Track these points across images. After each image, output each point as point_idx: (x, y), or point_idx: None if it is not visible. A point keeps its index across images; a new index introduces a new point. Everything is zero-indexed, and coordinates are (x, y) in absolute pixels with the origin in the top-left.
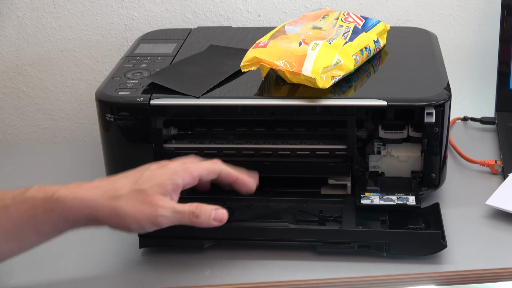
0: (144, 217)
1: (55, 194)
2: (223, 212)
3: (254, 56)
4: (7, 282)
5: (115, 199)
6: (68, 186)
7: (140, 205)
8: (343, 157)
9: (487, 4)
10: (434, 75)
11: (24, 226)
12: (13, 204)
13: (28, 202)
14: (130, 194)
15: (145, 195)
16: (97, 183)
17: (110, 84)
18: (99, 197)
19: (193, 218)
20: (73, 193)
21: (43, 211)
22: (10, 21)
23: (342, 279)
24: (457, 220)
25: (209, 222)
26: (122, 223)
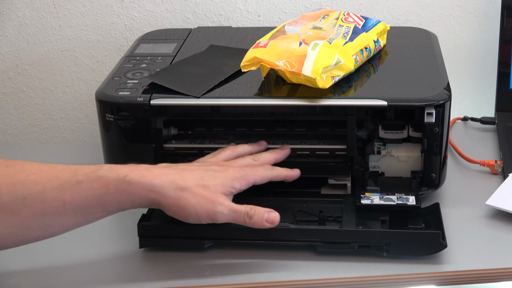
0: (204, 211)
1: (127, 176)
2: (275, 215)
3: (254, 56)
4: (7, 282)
5: (181, 190)
6: (138, 169)
7: (202, 200)
8: (343, 157)
9: (487, 4)
10: (434, 75)
11: (93, 202)
12: (86, 181)
13: (101, 181)
14: (196, 188)
15: (209, 191)
16: (165, 169)
17: (110, 84)
18: (167, 185)
19: (247, 219)
20: (144, 178)
21: (114, 191)
22: (10, 21)
23: (342, 279)
24: (457, 220)
25: (262, 223)
26: (182, 213)
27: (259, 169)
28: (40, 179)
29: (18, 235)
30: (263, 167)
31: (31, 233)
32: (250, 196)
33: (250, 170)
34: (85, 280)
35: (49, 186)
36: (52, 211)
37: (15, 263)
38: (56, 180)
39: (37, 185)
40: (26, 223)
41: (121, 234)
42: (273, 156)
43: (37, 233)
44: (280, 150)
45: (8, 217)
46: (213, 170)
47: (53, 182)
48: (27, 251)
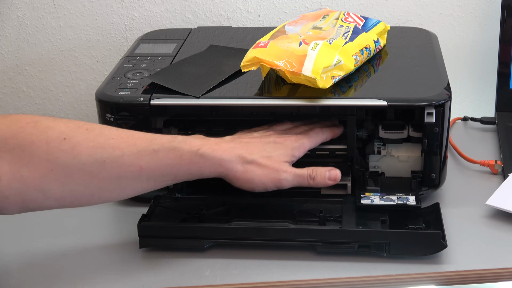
0: (270, 180)
1: (200, 150)
2: (336, 172)
3: (254, 56)
4: (7, 282)
5: (248, 163)
6: (209, 143)
7: (268, 170)
8: (343, 157)
9: (487, 4)
10: (434, 75)
11: (167, 171)
12: (162, 150)
13: (176, 152)
14: (261, 159)
15: (273, 161)
16: (232, 144)
17: (110, 84)
18: (235, 159)
19: (310, 180)
20: (215, 152)
21: (187, 162)
22: (10, 21)
23: (342, 279)
24: (457, 220)
25: (325, 182)
26: (249, 184)
27: (311, 134)
28: (119, 144)
29: (93, 195)
30: (314, 132)
31: (106, 194)
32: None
33: (305, 137)
34: (85, 280)
35: (127, 152)
36: (128, 175)
37: (15, 263)
38: (134, 146)
39: (116, 149)
40: (103, 185)
41: (121, 234)
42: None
43: (111, 195)
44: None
45: (87, 178)
46: (273, 141)
47: (131, 149)
48: (27, 251)
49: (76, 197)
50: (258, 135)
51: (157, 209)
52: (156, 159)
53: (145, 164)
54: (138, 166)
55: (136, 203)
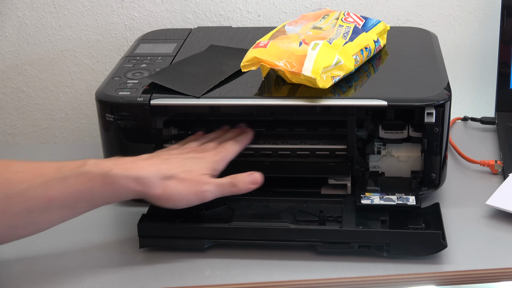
0: (192, 194)
1: (112, 171)
2: (256, 175)
3: (254, 56)
4: (7, 282)
5: (167, 178)
6: (123, 162)
7: (188, 184)
8: (343, 157)
9: (487, 4)
10: (434, 75)
11: (80, 197)
12: (71, 176)
13: (86, 176)
14: (181, 174)
15: (194, 174)
16: (149, 161)
17: (110, 84)
18: (153, 176)
19: (233, 188)
20: (129, 171)
21: (99, 185)
22: (10, 21)
23: (342, 279)
24: (457, 220)
25: (247, 187)
26: (171, 201)
27: (228, 146)
28: (25, 177)
29: (5, 233)
30: (230, 144)
31: (19, 231)
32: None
33: (224, 149)
34: (85, 280)
35: (34, 184)
36: (38, 208)
37: (15, 263)
38: (42, 177)
39: (23, 183)
40: (13, 221)
41: (121, 234)
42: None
43: (24, 230)
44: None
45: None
46: (193, 157)
47: (39, 180)
48: (27, 251)
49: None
50: (177, 152)
51: (157, 209)
52: (66, 186)
53: (55, 194)
54: (47, 197)
55: (136, 203)
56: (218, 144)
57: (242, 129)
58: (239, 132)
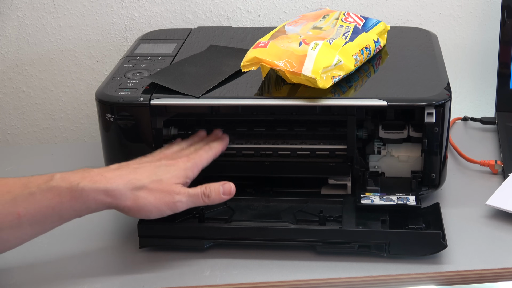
0: (164, 205)
1: (80, 184)
2: (229, 185)
3: (254, 56)
4: (7, 282)
5: (137, 189)
6: (91, 174)
7: (160, 194)
8: (343, 157)
9: (487, 4)
10: (434, 75)
11: (49, 212)
12: (39, 192)
13: (53, 191)
14: (151, 184)
15: (164, 185)
16: (118, 171)
17: (110, 84)
18: (122, 187)
19: (205, 198)
20: (97, 183)
21: (68, 199)
22: (10, 21)
23: (342, 279)
24: (457, 220)
25: (220, 198)
26: (143, 212)
27: (201, 153)
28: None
29: None
30: (203, 150)
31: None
32: (250, 196)
33: (196, 156)
34: (85, 280)
35: (2, 201)
36: (7, 225)
37: (15, 263)
38: (9, 194)
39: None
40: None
41: (121, 234)
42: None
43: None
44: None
45: None
46: (164, 164)
47: (6, 197)
48: (27, 251)
49: None
50: (148, 160)
51: None
52: (34, 202)
53: (23, 210)
54: (16, 213)
55: None
56: (193, 151)
57: (217, 135)
58: (213, 139)
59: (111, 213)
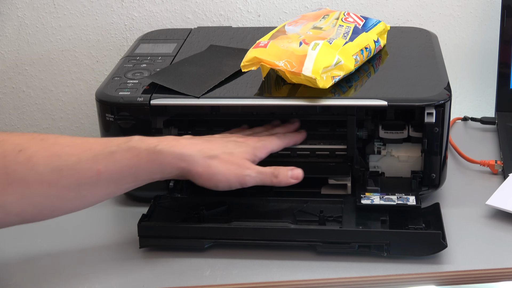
0: (234, 176)
1: (158, 146)
2: (298, 171)
3: (254, 56)
4: (7, 282)
5: (210, 158)
6: (167, 139)
7: (231, 165)
8: (343, 157)
9: (487, 4)
10: (434, 75)
11: (126, 172)
12: (119, 151)
13: (133, 151)
14: (223, 155)
15: (236, 157)
16: (192, 140)
17: (110, 84)
18: (196, 153)
19: (273, 178)
20: (174, 147)
21: (145, 160)
22: (10, 21)
23: (342, 279)
24: (457, 220)
25: (288, 181)
26: (212, 180)
27: (273, 138)
28: (74, 151)
29: (55, 206)
30: (277, 136)
31: (68, 204)
32: (250, 196)
33: (268, 139)
34: (85, 280)
35: (83, 157)
36: (87, 181)
37: (15, 263)
38: (90, 151)
39: (72, 156)
40: (63, 194)
41: (121, 234)
42: (285, 130)
43: (73, 204)
44: (290, 124)
45: (46, 188)
46: (234, 140)
47: (87, 154)
48: (27, 251)
49: (37, 210)
50: (219, 136)
51: (157, 209)
52: (113, 161)
53: (103, 168)
54: (96, 170)
55: (136, 203)
56: (265, 135)
57: (294, 125)
58: (290, 129)
59: (111, 213)
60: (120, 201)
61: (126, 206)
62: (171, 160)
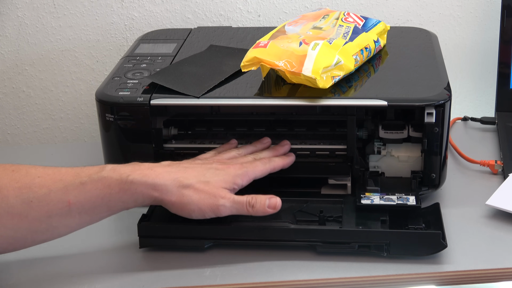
0: (207, 206)
1: (130, 176)
2: (276, 200)
3: (254, 56)
4: (7, 282)
5: (184, 187)
6: (141, 168)
7: (205, 195)
8: (343, 157)
9: (487, 4)
10: (434, 75)
11: (98, 202)
12: (89, 182)
13: (104, 181)
14: (198, 184)
15: (211, 187)
16: (168, 168)
17: (110, 84)
18: (170, 183)
19: (249, 208)
20: (146, 177)
21: (117, 191)
22: (10, 21)
23: (342, 279)
24: (457, 220)
25: (264, 210)
26: (185, 209)
27: (258, 163)
28: (45, 182)
29: (26, 238)
30: (261, 162)
31: (39, 235)
32: None
33: (250, 166)
34: (85, 280)
35: (54, 189)
36: (58, 212)
37: (15, 263)
38: (61, 182)
39: (43, 188)
40: (34, 226)
41: (121, 234)
42: (273, 153)
43: (44, 235)
44: (280, 146)
45: (16, 221)
46: (215, 167)
47: (58, 185)
48: (27, 251)
49: (8, 242)
50: (200, 162)
51: (157, 209)
52: (84, 191)
53: (73, 199)
54: (66, 201)
55: None
56: (250, 160)
57: (284, 150)
58: (278, 152)
59: None
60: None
61: None
62: (143, 190)
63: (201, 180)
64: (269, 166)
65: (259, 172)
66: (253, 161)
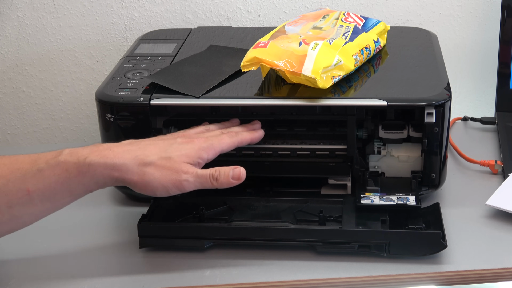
0: (170, 182)
1: (87, 158)
2: (239, 170)
3: (254, 56)
4: (7, 282)
5: (144, 165)
6: (99, 149)
7: (167, 171)
8: (343, 157)
9: (487, 4)
10: (434, 75)
11: (58, 188)
12: (47, 168)
13: (61, 166)
14: (159, 161)
15: (172, 162)
16: (128, 146)
17: (110, 84)
18: (129, 162)
19: (213, 181)
20: (105, 158)
21: (76, 174)
22: (10, 21)
23: (342, 279)
24: (457, 220)
25: (229, 181)
26: (148, 188)
27: (224, 137)
28: (2, 172)
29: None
30: (228, 135)
31: (3, 226)
32: (250, 196)
33: (216, 139)
34: (85, 280)
35: (11, 178)
36: (18, 202)
37: (15, 264)
38: (18, 171)
39: (0, 178)
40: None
41: (121, 234)
42: (241, 129)
43: (8, 226)
44: (250, 124)
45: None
46: (178, 142)
47: (15, 174)
48: (27, 252)
49: None
50: (164, 137)
51: (157, 209)
52: (42, 178)
53: (32, 187)
54: (25, 190)
55: (136, 203)
56: (217, 134)
57: (252, 126)
58: (247, 129)
59: (111, 213)
60: (120, 201)
61: (126, 206)
62: (102, 171)
63: (163, 156)
64: (236, 139)
65: (226, 145)
66: (219, 134)
